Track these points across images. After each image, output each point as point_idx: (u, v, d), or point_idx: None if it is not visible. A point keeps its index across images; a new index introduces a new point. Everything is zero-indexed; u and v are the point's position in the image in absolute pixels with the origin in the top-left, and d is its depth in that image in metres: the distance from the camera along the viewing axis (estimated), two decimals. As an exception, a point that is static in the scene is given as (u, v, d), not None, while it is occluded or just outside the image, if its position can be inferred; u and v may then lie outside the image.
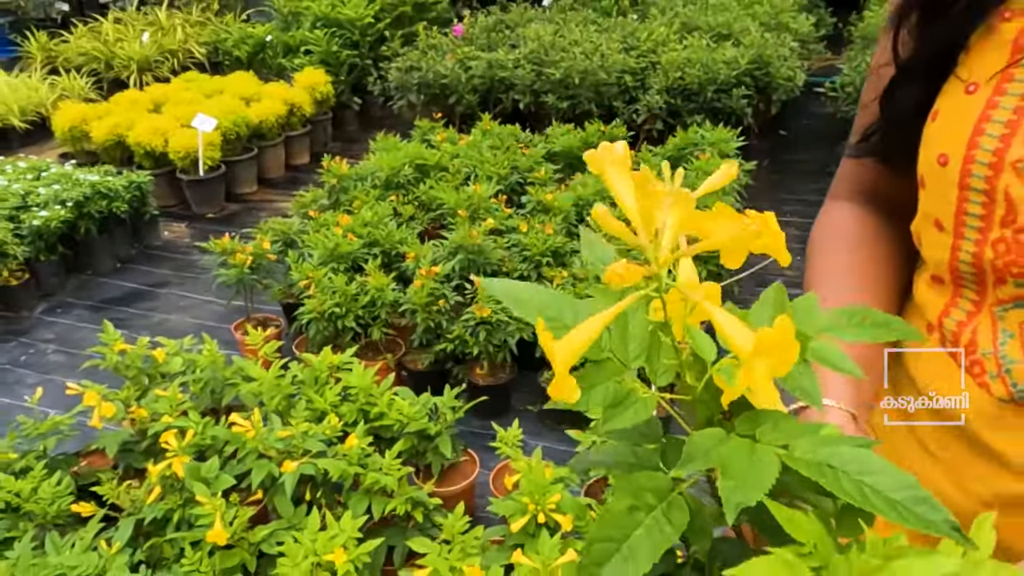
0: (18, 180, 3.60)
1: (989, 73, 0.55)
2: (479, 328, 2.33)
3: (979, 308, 0.59)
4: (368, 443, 1.81)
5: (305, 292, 2.53)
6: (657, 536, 0.34)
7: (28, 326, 3.17)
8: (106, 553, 1.55)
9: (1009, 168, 0.53)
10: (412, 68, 4.49)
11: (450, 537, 1.56)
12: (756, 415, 0.36)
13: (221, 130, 4.10)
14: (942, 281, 0.62)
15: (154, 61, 5.92)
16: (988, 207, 0.55)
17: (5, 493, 1.70)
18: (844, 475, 0.32)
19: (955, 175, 0.56)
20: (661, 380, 0.37)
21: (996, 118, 0.54)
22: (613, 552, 0.33)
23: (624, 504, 0.35)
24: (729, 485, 0.32)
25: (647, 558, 0.33)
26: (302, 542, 1.52)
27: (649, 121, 4.03)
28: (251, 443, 1.75)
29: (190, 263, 3.67)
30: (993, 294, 0.58)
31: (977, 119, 0.55)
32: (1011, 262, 0.55)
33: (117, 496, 1.73)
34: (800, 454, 0.34)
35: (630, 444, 0.40)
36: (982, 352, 0.58)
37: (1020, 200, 0.53)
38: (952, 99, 0.58)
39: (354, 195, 3.13)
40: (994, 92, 0.55)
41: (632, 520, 0.34)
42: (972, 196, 0.56)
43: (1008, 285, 0.56)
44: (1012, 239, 0.54)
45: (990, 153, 0.54)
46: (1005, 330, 0.57)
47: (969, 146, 0.55)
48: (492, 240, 2.68)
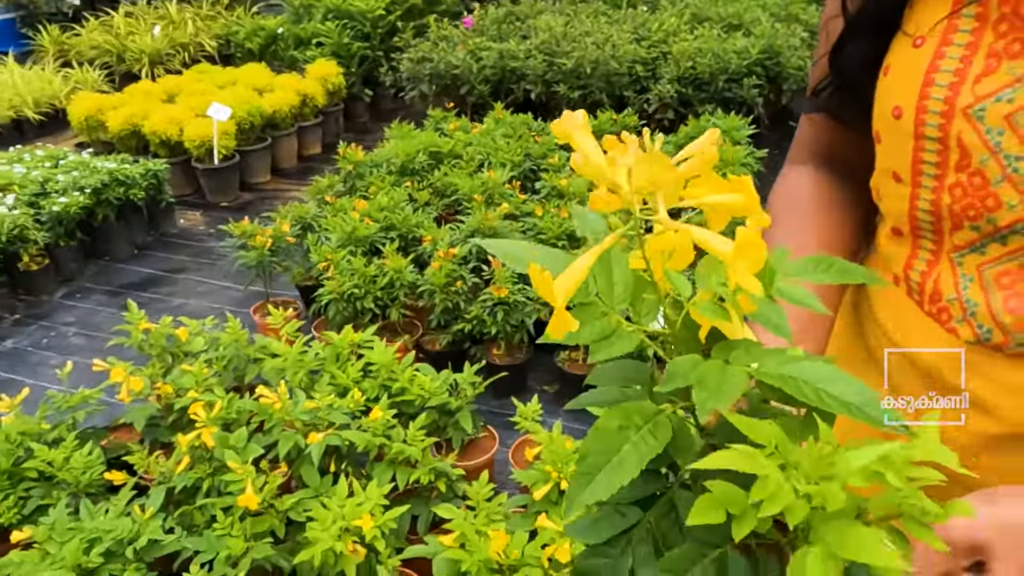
0: (36, 168, 3.64)
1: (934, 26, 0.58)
2: (497, 308, 2.36)
3: (938, 257, 0.62)
4: (391, 416, 1.84)
5: (324, 274, 2.57)
6: (643, 448, 0.37)
7: (48, 310, 3.21)
8: (139, 518, 1.59)
9: (960, 115, 0.55)
10: (424, 59, 4.52)
11: (475, 504, 1.59)
12: (729, 344, 0.40)
13: (235, 119, 4.14)
14: (901, 233, 0.65)
15: (165, 54, 5.96)
16: (943, 154, 0.57)
17: (39, 462, 1.74)
18: (805, 383, 0.37)
19: (910, 126, 0.58)
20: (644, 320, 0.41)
21: (944, 68, 0.57)
22: (604, 463, 0.37)
23: (614, 424, 0.38)
24: (703, 395, 0.36)
25: (635, 467, 0.37)
26: (331, 508, 1.56)
27: (660, 110, 4.05)
28: (278, 414, 1.78)
29: (206, 250, 3.71)
30: (950, 241, 0.60)
31: (926, 70, 0.57)
32: (968, 205, 0.57)
33: (147, 466, 1.77)
34: (766, 370, 0.38)
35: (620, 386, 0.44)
36: (946, 299, 0.61)
37: (972, 145, 0.55)
38: (901, 53, 0.60)
39: (370, 181, 3.17)
40: (940, 43, 0.57)
41: (621, 436, 0.38)
42: (927, 145, 0.58)
43: (964, 230, 0.59)
44: (968, 182, 0.57)
45: (941, 102, 0.56)
46: (965, 275, 0.60)
47: (921, 96, 0.57)
48: (507, 224, 2.71)
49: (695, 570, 0.38)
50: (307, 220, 2.92)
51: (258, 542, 1.56)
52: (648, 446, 0.38)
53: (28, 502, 1.74)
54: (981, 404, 0.59)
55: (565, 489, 1.60)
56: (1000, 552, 0.47)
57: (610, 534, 0.41)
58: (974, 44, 0.56)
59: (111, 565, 1.51)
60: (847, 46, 0.65)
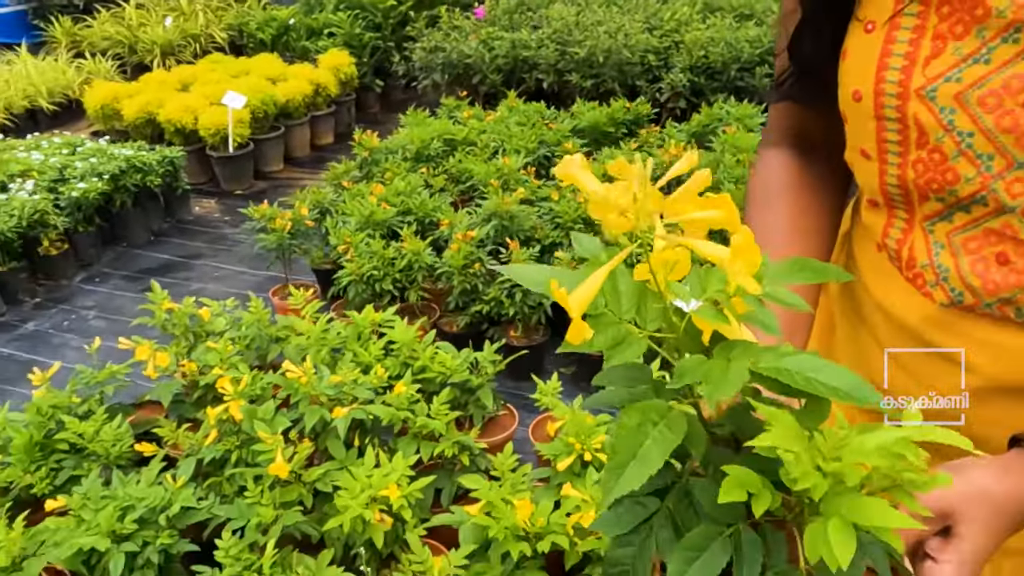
0: (54, 155, 3.68)
1: (883, 11, 0.61)
2: (515, 290, 2.38)
3: (911, 225, 0.65)
4: (415, 390, 1.87)
5: (343, 257, 2.60)
6: (663, 443, 0.42)
7: (68, 294, 3.25)
8: (171, 487, 1.62)
9: (914, 96, 0.59)
10: (436, 48, 4.54)
11: (500, 474, 1.62)
12: (730, 344, 0.44)
13: (250, 108, 4.17)
14: (877, 204, 0.68)
15: (177, 46, 5.99)
16: (903, 132, 0.61)
17: (70, 434, 1.77)
18: (798, 373, 0.42)
19: (870, 108, 0.62)
20: (650, 326, 0.45)
21: (896, 51, 0.60)
22: (631, 458, 0.42)
23: (634, 421, 0.43)
24: (709, 388, 0.41)
25: (657, 460, 0.41)
26: (358, 478, 1.59)
27: (673, 99, 4.07)
28: (304, 389, 1.81)
29: (222, 236, 3.74)
30: (920, 211, 0.64)
31: (879, 55, 0.61)
32: (930, 179, 0.61)
33: (176, 438, 1.80)
34: (764, 364, 0.42)
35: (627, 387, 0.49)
36: (920, 265, 0.65)
37: (928, 124, 0.59)
38: (856, 39, 0.63)
39: (385, 167, 3.19)
40: (890, 28, 0.60)
41: (642, 432, 0.42)
42: (888, 124, 0.62)
43: (931, 201, 0.62)
44: (928, 158, 0.60)
45: (896, 84, 0.60)
46: (936, 242, 0.63)
47: (877, 80, 0.61)
48: (524, 209, 2.73)
49: (713, 546, 0.42)
50: (324, 205, 2.95)
51: (287, 510, 1.59)
52: (667, 440, 0.42)
53: (60, 473, 1.77)
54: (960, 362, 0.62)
55: (599, 478, 1.62)
56: (966, 517, 0.51)
57: (633, 524, 0.46)
58: (921, 27, 0.59)
59: (144, 532, 1.54)
60: (805, 36, 0.69)
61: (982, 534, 0.51)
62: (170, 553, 1.55)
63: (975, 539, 0.51)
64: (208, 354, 2.03)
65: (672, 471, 0.47)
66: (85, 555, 1.50)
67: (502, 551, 1.47)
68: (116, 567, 1.47)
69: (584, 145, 3.43)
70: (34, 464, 1.77)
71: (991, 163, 0.57)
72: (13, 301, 3.15)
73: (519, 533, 1.47)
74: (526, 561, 1.49)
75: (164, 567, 1.55)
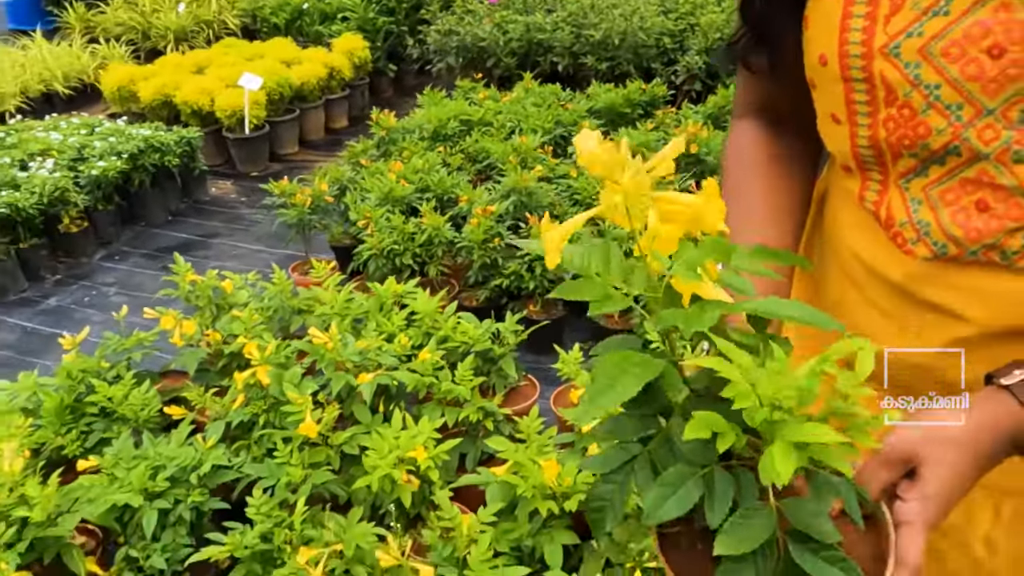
0: (73, 134, 3.70)
1: None
2: (535, 264, 2.40)
3: (886, 186, 0.66)
4: (439, 357, 1.89)
5: (363, 232, 2.61)
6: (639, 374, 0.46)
7: (88, 271, 3.28)
8: (201, 447, 1.65)
9: (878, 54, 0.60)
10: (451, 31, 4.55)
11: (526, 436, 1.63)
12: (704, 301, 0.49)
13: (265, 90, 4.18)
14: (850, 169, 0.69)
15: (190, 31, 6.01)
16: (871, 92, 0.62)
17: (100, 397, 1.80)
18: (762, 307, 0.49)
19: (836, 70, 0.63)
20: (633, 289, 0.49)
21: (856, 12, 0.61)
22: (608, 389, 0.46)
23: (614, 360, 0.47)
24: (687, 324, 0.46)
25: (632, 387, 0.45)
26: (386, 439, 1.60)
27: (688, 81, 4.06)
28: (329, 355, 1.82)
29: (239, 216, 3.76)
30: (894, 170, 0.64)
31: (840, 17, 0.61)
32: (902, 136, 0.61)
33: (204, 402, 1.82)
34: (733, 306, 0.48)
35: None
36: (899, 224, 0.65)
37: (895, 81, 0.60)
38: (816, 4, 0.65)
39: (403, 146, 3.21)
40: None
41: (619, 368, 0.46)
42: (856, 86, 0.62)
43: (904, 158, 0.63)
44: (898, 115, 0.61)
45: (859, 45, 0.60)
46: (913, 199, 0.64)
47: (840, 43, 0.61)
48: (542, 186, 2.74)
49: (688, 484, 0.46)
50: (343, 182, 2.96)
51: (316, 470, 1.61)
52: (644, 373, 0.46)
53: (90, 436, 1.80)
54: (950, 311, 0.63)
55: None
56: (929, 459, 0.53)
57: (617, 464, 0.50)
58: None
59: (176, 490, 1.56)
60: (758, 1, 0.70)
61: (947, 474, 0.52)
62: (201, 510, 1.58)
63: (939, 479, 0.52)
64: (233, 323, 2.05)
65: (656, 423, 0.51)
66: (118, 512, 1.53)
67: (530, 509, 1.48)
68: (149, 523, 1.49)
69: (601, 126, 3.43)
70: (64, 427, 1.79)
71: (960, 113, 0.58)
72: (35, 277, 3.18)
73: (546, 492, 1.49)
74: (553, 520, 1.50)
75: (195, 524, 1.57)
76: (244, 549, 1.44)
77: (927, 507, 0.51)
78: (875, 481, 0.52)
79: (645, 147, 3.06)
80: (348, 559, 1.41)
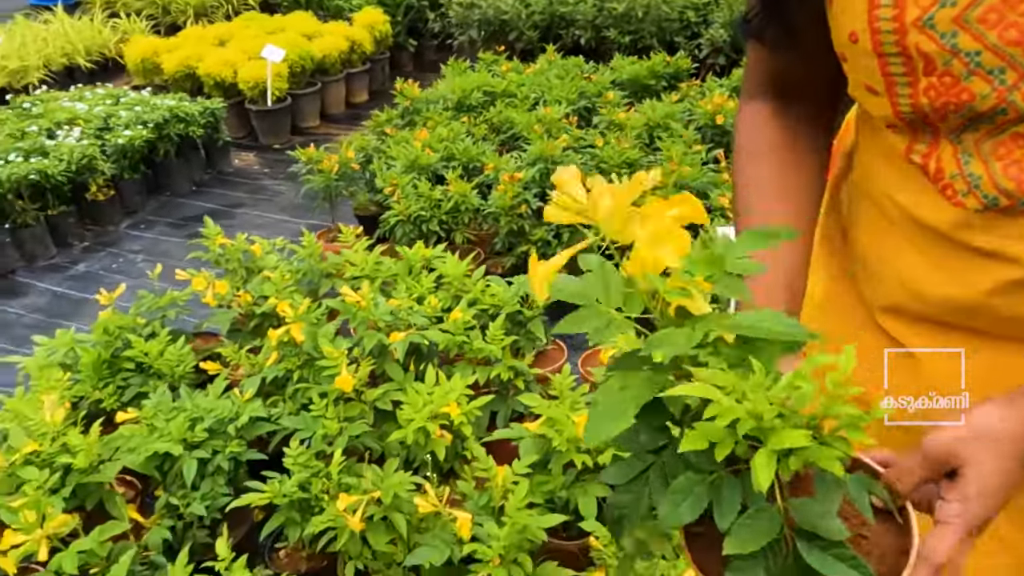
0: (98, 104, 3.73)
1: None
2: (562, 230, 2.40)
3: (936, 139, 0.65)
4: (470, 317, 1.90)
5: (390, 198, 2.62)
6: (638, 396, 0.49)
7: (115, 238, 3.31)
8: (238, 400, 1.67)
9: (912, 28, 0.58)
10: (473, 4, 4.52)
11: (558, 393, 1.65)
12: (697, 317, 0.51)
13: (287, 62, 4.19)
14: (896, 126, 0.67)
15: (210, 6, 6.00)
16: (908, 64, 0.61)
17: (136, 352, 1.82)
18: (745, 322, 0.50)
19: (868, 47, 0.61)
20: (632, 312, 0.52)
21: None
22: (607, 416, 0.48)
23: (617, 384, 0.50)
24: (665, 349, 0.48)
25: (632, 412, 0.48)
26: (420, 395, 1.62)
27: (712, 55, 4.03)
28: (362, 314, 1.84)
29: (263, 187, 3.78)
30: (944, 126, 0.64)
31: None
32: (946, 102, 0.60)
33: (239, 358, 1.85)
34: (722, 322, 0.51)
35: None
36: (949, 176, 0.64)
37: (933, 52, 0.59)
38: None
39: (427, 116, 3.21)
40: None
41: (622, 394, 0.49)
42: (890, 60, 0.61)
43: (951, 119, 0.62)
44: (939, 83, 0.60)
45: (890, 20, 0.59)
46: (964, 152, 0.63)
47: (870, 20, 0.60)
48: (568, 155, 2.73)
49: (697, 490, 0.49)
50: (369, 151, 2.97)
51: (351, 423, 1.63)
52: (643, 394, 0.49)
53: (127, 390, 1.82)
54: (1002, 255, 0.63)
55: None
56: (970, 459, 0.52)
57: (632, 475, 0.53)
58: None
59: (214, 441, 1.59)
60: None
61: (990, 473, 0.52)
62: (239, 461, 1.60)
63: (981, 479, 0.52)
64: (264, 284, 2.07)
65: (667, 434, 0.53)
66: (158, 460, 1.56)
67: (564, 462, 1.50)
68: (189, 471, 1.52)
69: (624, 97, 3.42)
70: (102, 381, 1.82)
71: (1004, 76, 0.57)
72: (63, 244, 3.22)
73: (580, 446, 1.50)
74: (586, 473, 1.52)
75: (233, 474, 1.60)
76: (283, 497, 1.46)
77: (968, 508, 0.51)
78: (907, 477, 0.53)
79: (670, 118, 3.05)
80: (386, 506, 1.43)
